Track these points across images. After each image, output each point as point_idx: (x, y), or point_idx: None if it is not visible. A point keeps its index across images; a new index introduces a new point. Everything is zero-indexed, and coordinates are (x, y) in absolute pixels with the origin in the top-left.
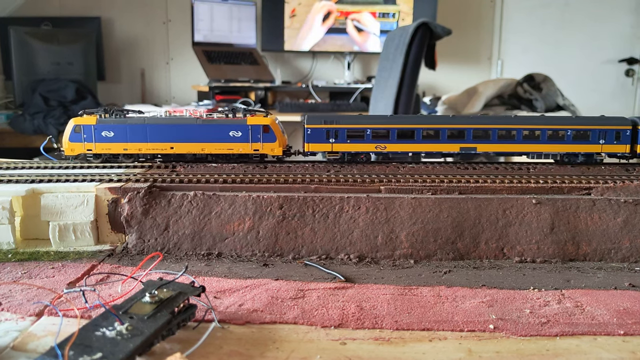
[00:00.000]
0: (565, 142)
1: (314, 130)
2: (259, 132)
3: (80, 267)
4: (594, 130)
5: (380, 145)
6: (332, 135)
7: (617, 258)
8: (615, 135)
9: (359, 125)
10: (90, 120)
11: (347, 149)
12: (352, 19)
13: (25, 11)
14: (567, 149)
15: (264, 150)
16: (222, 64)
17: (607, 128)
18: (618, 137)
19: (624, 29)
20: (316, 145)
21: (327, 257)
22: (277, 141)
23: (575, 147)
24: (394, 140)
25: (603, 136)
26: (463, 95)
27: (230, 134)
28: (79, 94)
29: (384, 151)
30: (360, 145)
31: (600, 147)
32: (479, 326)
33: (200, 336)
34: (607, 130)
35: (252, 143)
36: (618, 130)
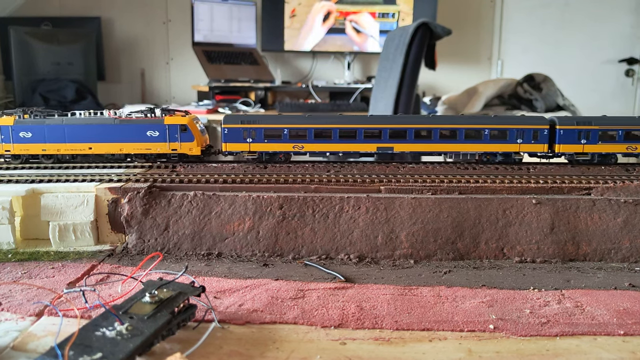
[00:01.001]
0: (483, 142)
1: (231, 130)
2: (176, 132)
3: (80, 267)
4: (511, 129)
5: (297, 145)
6: (249, 135)
7: (617, 258)
8: (533, 134)
9: (276, 125)
10: (7, 121)
11: (264, 148)
12: (350, 20)
13: (25, 11)
14: (485, 148)
15: (182, 149)
16: (222, 64)
17: (525, 127)
18: (536, 137)
19: (624, 29)
20: (234, 145)
21: (327, 257)
22: (195, 140)
23: (493, 147)
24: (312, 140)
25: (521, 135)
26: (463, 95)
27: (148, 134)
28: (79, 94)
29: (302, 151)
30: (278, 145)
31: (518, 146)
32: (479, 326)
33: (200, 336)
34: (525, 130)
35: (170, 143)
36: (536, 129)
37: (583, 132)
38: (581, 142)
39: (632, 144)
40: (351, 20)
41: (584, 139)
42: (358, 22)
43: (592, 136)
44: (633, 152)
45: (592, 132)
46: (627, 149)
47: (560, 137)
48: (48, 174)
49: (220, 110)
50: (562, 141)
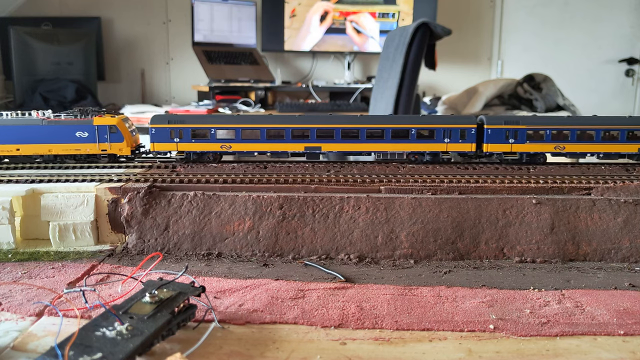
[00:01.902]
0: (410, 141)
1: (158, 129)
2: (105, 133)
3: (80, 267)
4: (438, 129)
5: (225, 145)
6: (176, 135)
7: (617, 258)
8: (461, 134)
9: (204, 125)
10: None
11: (192, 148)
12: (350, 20)
13: (25, 11)
14: (413, 147)
15: (112, 150)
16: (222, 64)
17: (452, 127)
18: (463, 136)
19: (624, 29)
20: (161, 145)
21: (327, 257)
22: (125, 141)
23: (420, 146)
24: (239, 140)
25: (448, 135)
26: (463, 95)
27: (77, 135)
28: (78, 94)
29: (230, 150)
30: (206, 144)
31: (446, 145)
32: (479, 326)
33: (200, 336)
34: (452, 129)
35: (100, 143)
36: (463, 129)
37: (511, 132)
38: (509, 141)
39: (560, 144)
40: (351, 21)
41: (512, 138)
42: (358, 23)
43: (520, 135)
44: (561, 151)
45: (520, 131)
46: (555, 149)
47: (488, 136)
48: (48, 174)
49: (221, 110)
50: (490, 140)
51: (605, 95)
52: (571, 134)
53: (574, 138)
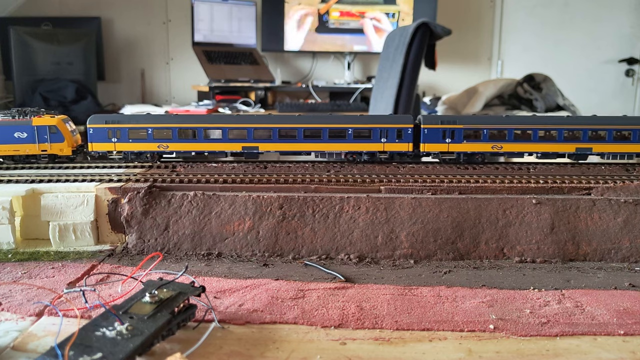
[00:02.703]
0: (348, 141)
1: (96, 129)
2: (45, 133)
3: (80, 267)
4: (375, 128)
5: (162, 145)
6: (114, 135)
7: (617, 258)
8: (397, 133)
9: (141, 125)
10: None
11: (129, 148)
12: (371, 18)
13: (25, 11)
14: (350, 147)
15: (52, 150)
16: (222, 64)
17: (389, 127)
18: (400, 136)
19: (624, 29)
20: (99, 145)
21: (327, 257)
22: (66, 141)
23: (357, 146)
24: (176, 139)
25: (385, 135)
26: (463, 95)
27: (16, 135)
28: (79, 94)
29: (167, 150)
30: (143, 144)
31: (383, 145)
32: (479, 326)
33: (200, 336)
34: (389, 129)
35: (40, 144)
36: (400, 128)
37: (448, 131)
38: (446, 141)
39: (498, 143)
40: (372, 18)
41: (449, 138)
42: (380, 21)
43: (457, 135)
44: (498, 151)
45: (457, 131)
46: (492, 148)
47: (425, 136)
48: (48, 174)
49: (221, 110)
50: (427, 140)
51: (605, 95)
52: (509, 133)
53: (512, 137)
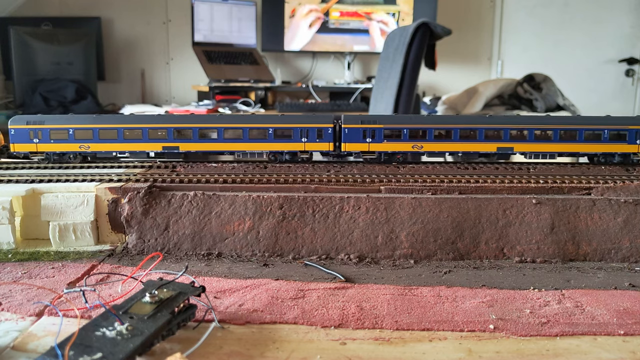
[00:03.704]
0: (269, 141)
1: (18, 130)
2: None
3: (80, 267)
4: (296, 128)
5: (84, 145)
6: (35, 136)
7: (617, 258)
8: (318, 133)
9: (62, 126)
10: None
11: (51, 148)
12: (378, 21)
13: (25, 11)
14: (271, 147)
15: None
16: (222, 64)
17: (310, 126)
18: (320, 136)
19: (624, 29)
20: (21, 146)
21: (327, 257)
22: None
23: (278, 146)
24: (97, 140)
25: (305, 134)
26: (463, 95)
27: None
28: (79, 94)
29: (88, 151)
30: (64, 145)
31: (304, 145)
32: (479, 326)
33: (200, 336)
34: (310, 129)
35: None
36: (320, 128)
37: (368, 131)
38: (367, 140)
39: (418, 142)
40: (379, 21)
41: (370, 137)
42: (387, 24)
43: (377, 135)
44: (419, 150)
45: (377, 130)
46: (412, 147)
47: (346, 135)
48: (48, 174)
49: (221, 110)
50: (348, 140)
51: (605, 95)
52: (429, 133)
53: (432, 137)
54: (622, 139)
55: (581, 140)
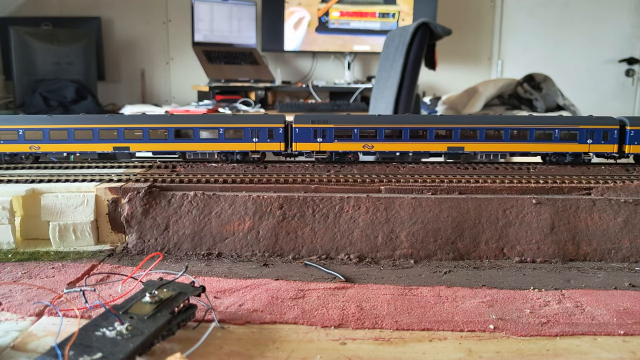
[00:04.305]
0: (219, 141)
1: None
2: None
3: (80, 267)
4: (246, 128)
5: (34, 146)
6: None
7: (617, 258)
8: (269, 133)
9: (11, 126)
10: None
11: (1, 149)
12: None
13: (25, 11)
14: (222, 147)
15: None
16: (222, 64)
17: (260, 126)
18: (272, 135)
19: (624, 29)
20: None
21: (327, 257)
22: None
23: (230, 146)
24: (47, 140)
25: (256, 135)
26: (463, 95)
27: None
28: (79, 94)
29: (39, 151)
30: (14, 145)
31: (255, 145)
32: (479, 326)
33: (200, 336)
34: (260, 129)
35: None
36: (271, 128)
37: (319, 131)
38: (317, 140)
39: (369, 142)
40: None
41: (320, 137)
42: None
43: (328, 135)
44: (369, 150)
45: (328, 130)
46: (363, 147)
47: (297, 135)
48: (48, 174)
49: (221, 110)
50: (299, 139)
51: (605, 95)
52: (379, 133)
53: (382, 137)
54: (573, 139)
55: (532, 140)
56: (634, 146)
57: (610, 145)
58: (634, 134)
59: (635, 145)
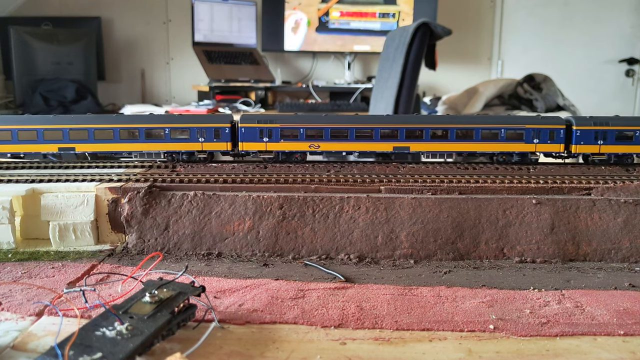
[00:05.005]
0: (165, 141)
1: None
2: None
3: (80, 267)
4: (192, 128)
5: None
6: None
7: (617, 258)
8: (215, 133)
9: None
10: None
11: None
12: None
13: (26, 11)
14: (168, 147)
15: None
16: (222, 64)
17: (206, 126)
18: (218, 135)
19: (624, 29)
20: None
21: (327, 257)
22: None
23: (175, 146)
24: (16, 141)
25: (202, 134)
26: (463, 95)
27: None
28: (79, 94)
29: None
30: None
31: (201, 145)
32: (479, 326)
33: (200, 336)
34: (206, 129)
35: None
36: (217, 128)
37: (265, 130)
38: (263, 140)
39: (315, 142)
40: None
41: (266, 137)
42: None
43: (274, 134)
44: (315, 150)
45: (274, 130)
46: (310, 147)
47: (242, 135)
48: (48, 174)
49: (221, 110)
50: (245, 139)
51: (605, 95)
52: (325, 132)
53: (328, 137)
54: (520, 139)
55: (478, 140)
56: (581, 146)
57: (556, 145)
58: (580, 134)
59: (582, 145)
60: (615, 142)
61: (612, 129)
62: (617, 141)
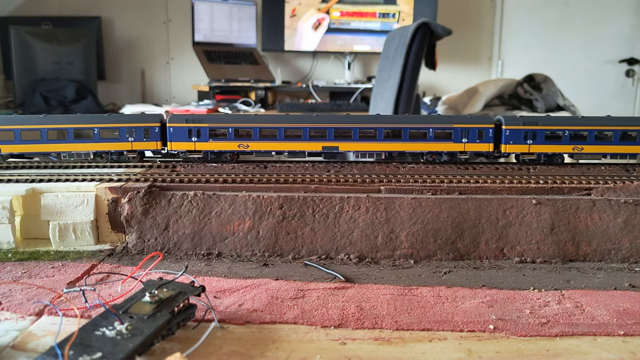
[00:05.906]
0: (94, 141)
1: None
2: None
3: (80, 267)
4: (122, 128)
5: None
6: None
7: (617, 258)
8: (144, 132)
9: None
10: None
11: None
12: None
13: (26, 11)
14: (97, 147)
15: None
16: (222, 64)
17: (135, 126)
18: (147, 135)
19: (624, 29)
20: None
21: (327, 257)
22: None
23: (104, 146)
24: None
25: (132, 134)
26: (463, 96)
27: None
28: (79, 94)
29: None
30: None
31: (131, 144)
32: (479, 326)
33: (200, 336)
34: (136, 128)
35: None
36: (146, 127)
37: (193, 130)
38: (192, 139)
39: (244, 142)
40: None
41: (195, 136)
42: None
43: (202, 134)
44: (245, 150)
45: (203, 130)
46: (239, 147)
47: (171, 134)
48: (48, 174)
49: (221, 110)
50: (173, 139)
51: (605, 95)
52: (254, 132)
53: (257, 136)
54: (448, 138)
55: (407, 139)
56: (510, 145)
57: (485, 144)
58: (509, 134)
59: (511, 145)
60: (545, 142)
61: (541, 129)
62: (547, 141)
